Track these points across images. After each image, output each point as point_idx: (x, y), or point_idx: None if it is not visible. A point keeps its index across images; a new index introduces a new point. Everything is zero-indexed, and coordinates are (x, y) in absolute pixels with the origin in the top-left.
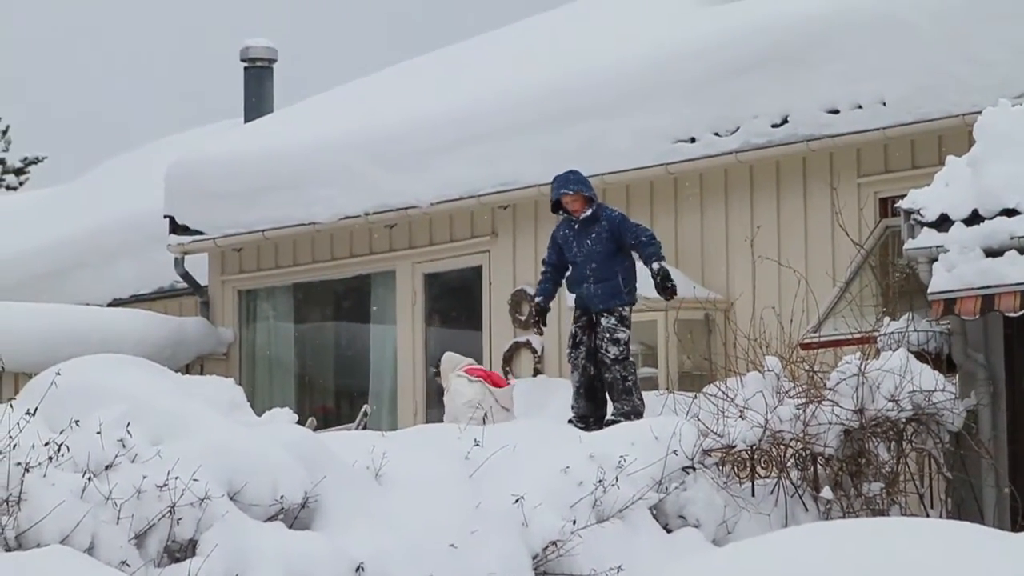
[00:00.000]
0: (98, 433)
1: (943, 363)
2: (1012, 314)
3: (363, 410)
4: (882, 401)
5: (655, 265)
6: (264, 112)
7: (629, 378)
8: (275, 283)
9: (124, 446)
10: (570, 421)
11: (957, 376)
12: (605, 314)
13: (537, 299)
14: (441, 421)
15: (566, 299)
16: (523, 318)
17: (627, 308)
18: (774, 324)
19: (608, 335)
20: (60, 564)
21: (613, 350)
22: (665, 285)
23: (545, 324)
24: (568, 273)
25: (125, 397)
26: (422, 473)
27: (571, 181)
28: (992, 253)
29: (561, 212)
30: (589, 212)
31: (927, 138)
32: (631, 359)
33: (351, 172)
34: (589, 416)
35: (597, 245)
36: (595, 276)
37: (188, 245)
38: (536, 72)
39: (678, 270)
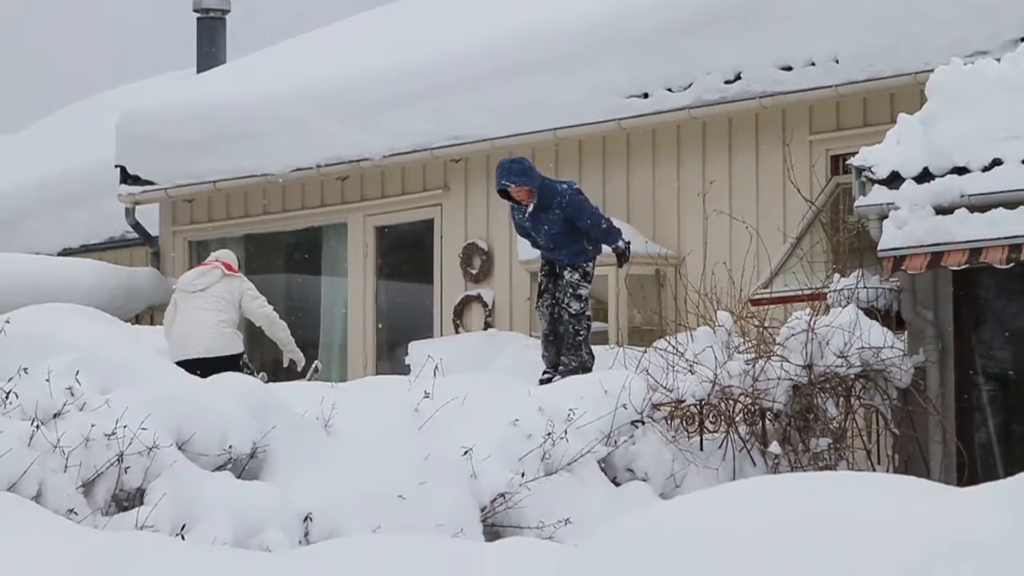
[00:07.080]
0: (47, 381)
1: (892, 320)
2: (956, 267)
3: (314, 365)
4: (831, 357)
5: (616, 247)
6: (217, 63)
7: (581, 332)
8: (226, 234)
9: (72, 394)
10: (542, 380)
11: (906, 333)
12: (569, 268)
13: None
14: (391, 374)
15: (517, 253)
16: (474, 272)
17: (590, 264)
18: (725, 280)
19: (571, 290)
20: (7, 511)
21: (575, 305)
22: (622, 261)
23: None
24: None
25: (74, 346)
26: (371, 424)
27: (513, 172)
28: (942, 211)
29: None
30: (532, 207)
31: (879, 96)
32: (587, 314)
33: (303, 124)
34: (558, 364)
35: (554, 228)
36: (558, 248)
37: (139, 195)
38: (488, 26)
39: (630, 225)
